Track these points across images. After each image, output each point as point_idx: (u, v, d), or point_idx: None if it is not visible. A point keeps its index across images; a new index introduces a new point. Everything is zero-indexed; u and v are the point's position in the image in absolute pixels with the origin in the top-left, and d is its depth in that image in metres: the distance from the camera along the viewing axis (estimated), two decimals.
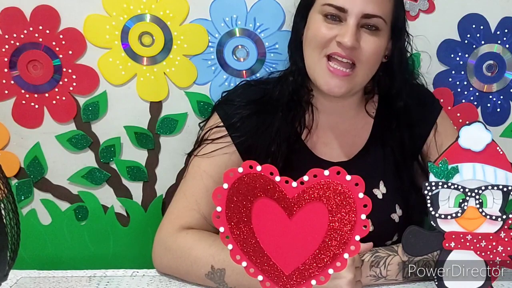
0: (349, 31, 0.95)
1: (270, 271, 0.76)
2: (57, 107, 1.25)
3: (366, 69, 1.01)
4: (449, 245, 0.78)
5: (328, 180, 0.73)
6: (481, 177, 0.77)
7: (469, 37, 1.27)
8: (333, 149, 1.08)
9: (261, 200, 0.74)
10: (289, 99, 1.06)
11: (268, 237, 0.75)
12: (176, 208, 1.05)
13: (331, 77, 0.98)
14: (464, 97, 1.30)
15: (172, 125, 1.28)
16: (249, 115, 1.07)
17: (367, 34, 0.98)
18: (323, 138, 1.09)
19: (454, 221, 0.78)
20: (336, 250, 0.74)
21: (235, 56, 1.26)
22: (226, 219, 0.75)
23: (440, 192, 0.78)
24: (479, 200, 0.77)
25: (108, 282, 0.91)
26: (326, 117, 1.09)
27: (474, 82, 1.29)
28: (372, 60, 1.00)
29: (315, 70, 1.01)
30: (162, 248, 1.01)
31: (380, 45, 1.00)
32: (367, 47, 0.98)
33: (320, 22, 0.99)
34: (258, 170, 0.74)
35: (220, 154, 1.05)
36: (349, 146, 1.09)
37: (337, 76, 0.98)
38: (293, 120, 1.06)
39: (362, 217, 0.73)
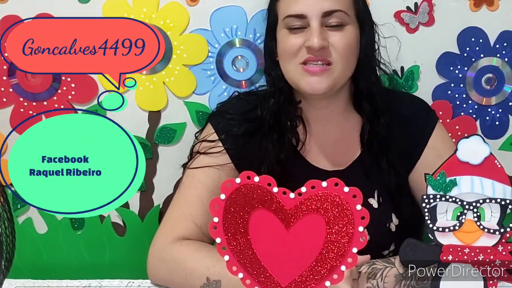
0: (314, 33, 0.97)
1: (267, 283, 0.76)
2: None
3: (343, 64, 1.01)
4: (446, 258, 0.78)
5: (326, 192, 0.74)
6: (479, 190, 0.77)
7: (468, 50, 1.28)
8: (328, 158, 1.09)
9: (258, 211, 0.74)
10: (274, 120, 1.07)
11: (265, 248, 0.75)
12: (171, 219, 1.05)
13: (310, 75, 0.99)
14: (463, 110, 1.30)
15: (170, 135, 1.28)
16: (241, 126, 1.08)
17: (333, 31, 1.00)
18: (317, 147, 1.09)
19: (452, 234, 0.78)
20: (333, 262, 0.74)
21: (234, 67, 1.27)
22: (223, 230, 0.75)
23: (438, 205, 0.78)
24: (477, 213, 0.77)
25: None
26: (317, 126, 1.10)
27: (473, 95, 1.29)
28: (346, 54, 1.01)
29: (294, 78, 1.02)
30: (157, 260, 1.01)
31: (349, 37, 1.01)
32: (337, 43, 0.99)
33: (287, 35, 1.01)
34: (256, 181, 0.74)
35: (213, 165, 1.06)
36: (343, 153, 1.09)
37: (315, 72, 0.99)
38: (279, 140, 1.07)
39: (359, 229, 0.73)
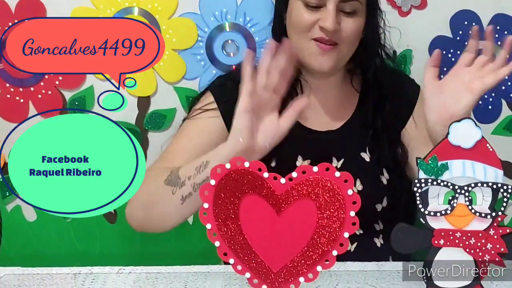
0: (330, 16, 1.02)
1: (258, 269, 0.76)
2: (42, 102, 1.24)
3: (349, 46, 1.08)
4: (438, 242, 0.79)
5: (317, 177, 0.74)
6: (471, 174, 0.77)
7: (461, 33, 1.27)
8: (321, 119, 1.13)
9: (249, 196, 0.75)
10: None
11: (256, 234, 0.76)
12: (153, 166, 1.07)
13: (320, 54, 1.05)
14: None
15: (160, 121, 1.28)
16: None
17: (346, 17, 1.05)
18: (311, 112, 1.13)
19: (444, 218, 0.78)
20: (324, 247, 0.74)
21: (224, 51, 1.26)
22: (214, 216, 0.75)
23: (429, 189, 0.78)
24: (468, 197, 0.78)
25: (94, 280, 0.91)
26: (313, 94, 1.14)
27: None
28: (352, 38, 1.07)
29: (305, 52, 1.06)
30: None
31: (359, 24, 1.07)
32: (348, 28, 1.05)
33: (301, 9, 1.05)
34: (246, 166, 0.74)
35: (205, 116, 1.09)
36: (336, 115, 1.14)
37: (326, 50, 1.05)
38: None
39: (351, 214, 0.74)
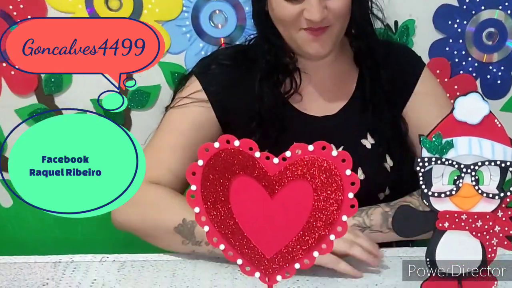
0: (314, 8, 1.01)
1: (250, 255, 0.76)
2: (16, 79, 1.24)
3: (341, 23, 1.08)
4: (442, 225, 0.79)
5: (313, 156, 0.73)
6: (478, 152, 0.77)
7: (468, 2, 1.27)
8: (318, 104, 1.13)
9: (239, 178, 0.74)
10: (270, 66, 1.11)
11: (248, 218, 0.75)
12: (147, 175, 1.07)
13: (313, 41, 1.05)
14: (462, 68, 1.31)
15: (144, 99, 1.28)
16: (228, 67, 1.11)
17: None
18: (307, 94, 1.14)
19: (448, 199, 0.78)
20: (321, 231, 0.74)
21: (212, 23, 1.26)
22: (202, 199, 0.75)
23: (433, 169, 0.78)
24: (475, 177, 0.77)
25: (75, 268, 0.91)
26: (310, 75, 1.14)
27: (473, 51, 1.30)
28: (342, 14, 1.06)
29: (297, 42, 1.07)
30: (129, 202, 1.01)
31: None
32: (335, 7, 1.04)
33: (282, 1, 1.03)
34: (236, 145, 0.73)
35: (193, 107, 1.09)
36: (334, 99, 1.14)
37: (318, 35, 1.04)
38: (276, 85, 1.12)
39: (349, 196, 0.73)
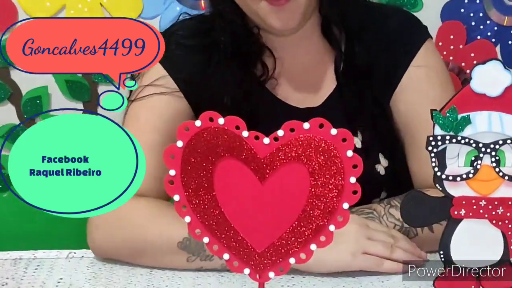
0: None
1: (239, 248, 0.76)
2: None
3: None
4: (458, 213, 0.78)
5: (309, 135, 0.73)
6: (499, 129, 0.77)
7: None
8: (299, 91, 1.11)
9: (225, 160, 0.74)
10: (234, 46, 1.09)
11: (235, 206, 0.75)
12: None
13: (279, 11, 1.01)
14: (480, 33, 1.30)
15: None
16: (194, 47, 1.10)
17: None
18: (285, 79, 1.12)
19: (465, 183, 0.78)
20: (319, 221, 0.74)
21: None
22: (182, 185, 0.75)
23: (447, 148, 0.77)
24: (495, 157, 0.77)
25: (39, 266, 0.92)
26: (283, 54, 1.12)
27: (492, 13, 1.29)
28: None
29: (258, 14, 1.03)
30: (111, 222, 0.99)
31: None
32: None
33: None
34: (221, 124, 0.73)
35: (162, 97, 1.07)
36: (316, 86, 1.12)
37: (281, 4, 1.00)
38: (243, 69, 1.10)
39: (351, 181, 0.73)
